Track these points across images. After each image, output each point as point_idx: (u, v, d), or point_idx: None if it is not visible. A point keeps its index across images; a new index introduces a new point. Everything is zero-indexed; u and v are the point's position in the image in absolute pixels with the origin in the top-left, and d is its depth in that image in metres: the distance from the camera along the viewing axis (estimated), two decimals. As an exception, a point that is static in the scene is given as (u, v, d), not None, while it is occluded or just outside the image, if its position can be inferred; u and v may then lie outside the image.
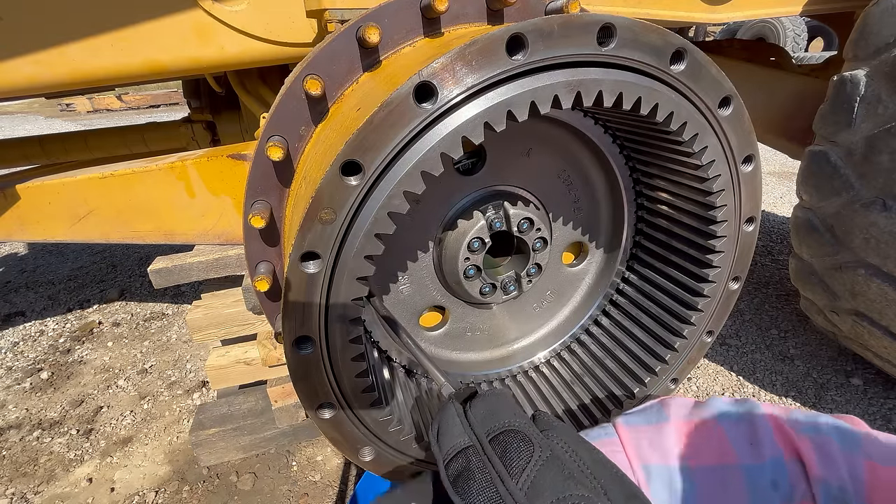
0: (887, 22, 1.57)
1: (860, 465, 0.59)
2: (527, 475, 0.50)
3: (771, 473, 0.63)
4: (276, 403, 2.00)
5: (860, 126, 1.65)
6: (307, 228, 0.57)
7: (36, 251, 4.79)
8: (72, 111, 13.81)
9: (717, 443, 0.66)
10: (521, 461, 0.51)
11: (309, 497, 2.06)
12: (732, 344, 2.93)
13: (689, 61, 0.67)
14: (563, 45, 0.59)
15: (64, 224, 1.32)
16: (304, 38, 1.29)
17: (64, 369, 3.02)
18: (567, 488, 0.48)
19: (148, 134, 3.18)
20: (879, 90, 1.60)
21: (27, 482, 2.21)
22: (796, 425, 0.65)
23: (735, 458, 0.64)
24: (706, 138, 0.72)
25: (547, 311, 1.09)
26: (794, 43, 10.34)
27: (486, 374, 1.07)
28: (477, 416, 0.58)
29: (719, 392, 2.54)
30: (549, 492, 0.48)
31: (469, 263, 0.89)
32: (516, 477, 0.50)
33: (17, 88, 1.21)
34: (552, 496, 0.48)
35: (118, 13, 1.18)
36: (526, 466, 0.51)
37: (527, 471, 0.50)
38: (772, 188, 5.49)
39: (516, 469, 0.51)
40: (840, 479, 0.59)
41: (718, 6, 1.76)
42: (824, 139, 1.80)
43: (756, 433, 0.66)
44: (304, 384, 0.67)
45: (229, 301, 2.03)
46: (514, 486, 0.49)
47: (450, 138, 0.57)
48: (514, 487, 0.49)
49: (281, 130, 0.75)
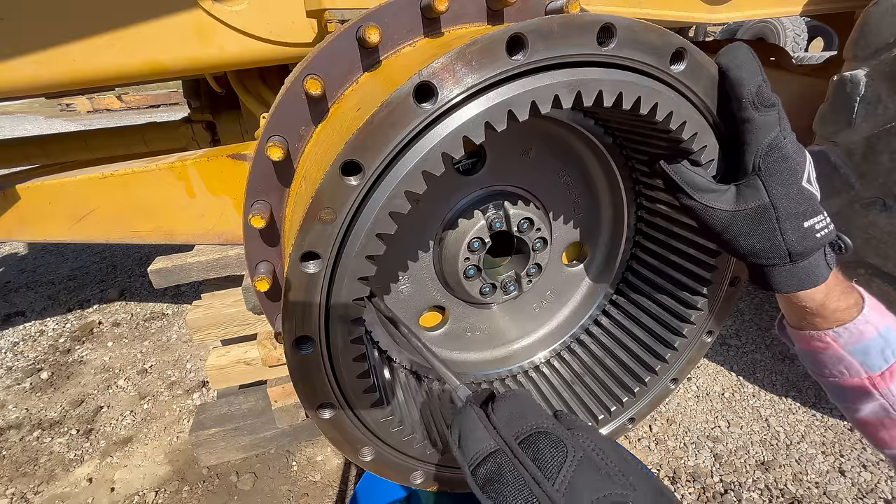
0: (887, 22, 1.57)
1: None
2: (563, 476, 0.50)
3: None
4: (276, 403, 2.01)
5: (860, 126, 1.66)
6: (307, 228, 0.57)
7: (36, 251, 4.79)
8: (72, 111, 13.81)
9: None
10: (556, 462, 0.51)
11: (309, 497, 2.06)
12: (732, 344, 2.93)
13: (689, 61, 0.67)
14: (563, 45, 0.59)
15: (64, 224, 1.32)
16: (304, 38, 1.29)
17: (64, 369, 3.02)
18: (604, 487, 0.49)
19: (148, 134, 3.18)
20: (879, 90, 1.60)
21: (27, 482, 2.22)
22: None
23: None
24: (705, 137, 0.72)
25: (547, 311, 1.09)
26: (794, 43, 10.35)
27: (486, 374, 1.07)
28: (502, 419, 0.58)
29: (719, 392, 2.54)
30: (588, 491, 0.48)
31: (469, 263, 0.89)
32: (552, 479, 0.50)
33: (17, 88, 1.21)
34: (591, 496, 0.48)
35: (118, 13, 1.18)
36: (561, 467, 0.51)
37: (563, 472, 0.50)
38: (772, 188, 5.49)
39: (551, 470, 0.50)
40: None
41: (718, 6, 1.76)
42: (824, 139, 1.80)
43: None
44: (304, 384, 0.67)
45: (229, 301, 2.04)
46: (551, 487, 0.49)
47: (450, 138, 0.57)
48: (552, 489, 0.49)
49: (281, 130, 0.75)
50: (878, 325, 0.69)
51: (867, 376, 0.69)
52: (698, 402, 2.50)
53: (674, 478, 2.08)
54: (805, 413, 2.40)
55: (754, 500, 1.98)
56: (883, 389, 0.68)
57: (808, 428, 2.31)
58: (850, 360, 0.70)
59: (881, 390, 0.68)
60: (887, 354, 0.68)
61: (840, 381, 0.73)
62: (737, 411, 2.43)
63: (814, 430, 2.29)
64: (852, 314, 0.69)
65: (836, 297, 0.70)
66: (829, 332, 0.70)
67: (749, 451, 2.21)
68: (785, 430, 2.30)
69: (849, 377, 0.71)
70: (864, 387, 0.70)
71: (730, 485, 2.04)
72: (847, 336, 0.70)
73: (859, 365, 0.70)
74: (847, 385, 0.72)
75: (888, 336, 0.68)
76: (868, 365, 0.69)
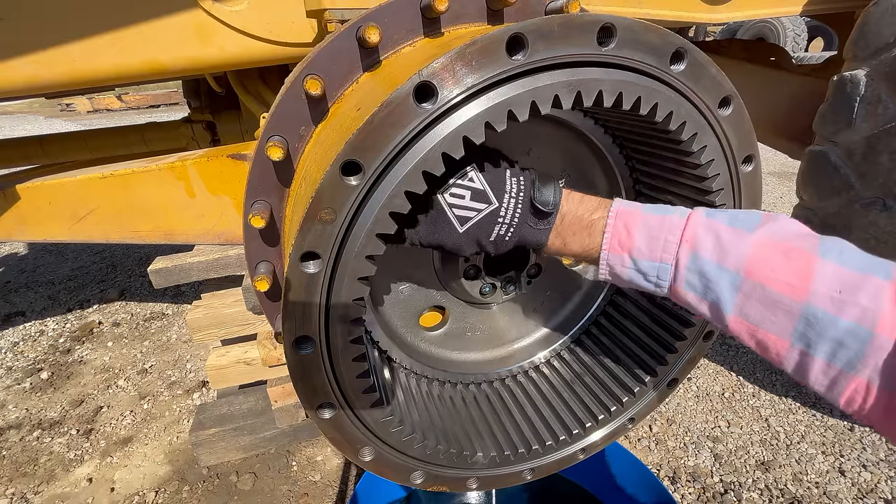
0: (887, 22, 1.57)
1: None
2: None
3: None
4: (276, 403, 2.01)
5: (860, 126, 1.66)
6: (307, 228, 0.57)
7: (36, 251, 4.79)
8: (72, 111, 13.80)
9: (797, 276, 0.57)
10: None
11: (309, 497, 2.06)
12: (732, 344, 2.93)
13: (689, 61, 0.67)
14: (563, 45, 0.59)
15: (64, 224, 1.32)
16: (304, 38, 1.29)
17: (64, 369, 3.02)
18: None
19: (148, 134, 3.18)
20: (879, 90, 1.60)
21: (27, 482, 2.21)
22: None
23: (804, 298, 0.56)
24: (705, 138, 0.72)
25: (547, 311, 1.10)
26: (794, 43, 10.34)
27: (486, 374, 1.07)
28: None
29: (719, 392, 2.54)
30: None
31: (469, 264, 0.89)
32: None
33: (17, 88, 1.21)
34: None
35: (118, 13, 1.18)
36: None
37: None
38: (772, 188, 5.50)
39: None
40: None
41: (718, 6, 1.76)
42: (824, 139, 1.80)
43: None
44: (304, 384, 0.67)
45: (229, 301, 2.04)
46: None
47: (451, 138, 0.57)
48: None
49: (281, 130, 0.75)
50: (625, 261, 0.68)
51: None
52: (698, 402, 2.50)
53: (674, 478, 2.08)
54: (805, 413, 2.40)
55: (754, 500, 1.98)
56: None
57: (808, 428, 2.31)
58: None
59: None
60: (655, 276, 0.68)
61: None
62: (737, 411, 2.43)
63: (814, 430, 2.29)
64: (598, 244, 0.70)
65: (572, 238, 0.71)
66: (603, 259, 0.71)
67: (749, 451, 2.21)
68: (785, 430, 2.30)
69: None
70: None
71: (730, 485, 2.04)
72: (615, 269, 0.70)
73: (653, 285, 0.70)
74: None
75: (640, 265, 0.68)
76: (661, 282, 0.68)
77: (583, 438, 0.96)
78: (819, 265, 0.56)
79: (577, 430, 0.94)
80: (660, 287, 0.68)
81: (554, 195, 0.70)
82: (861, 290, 0.53)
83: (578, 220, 0.71)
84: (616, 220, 0.69)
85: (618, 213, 0.69)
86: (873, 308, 0.52)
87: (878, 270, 0.54)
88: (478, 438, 0.90)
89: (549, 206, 0.69)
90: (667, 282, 0.67)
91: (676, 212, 0.68)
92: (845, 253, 0.57)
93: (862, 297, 0.53)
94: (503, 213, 0.68)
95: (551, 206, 0.69)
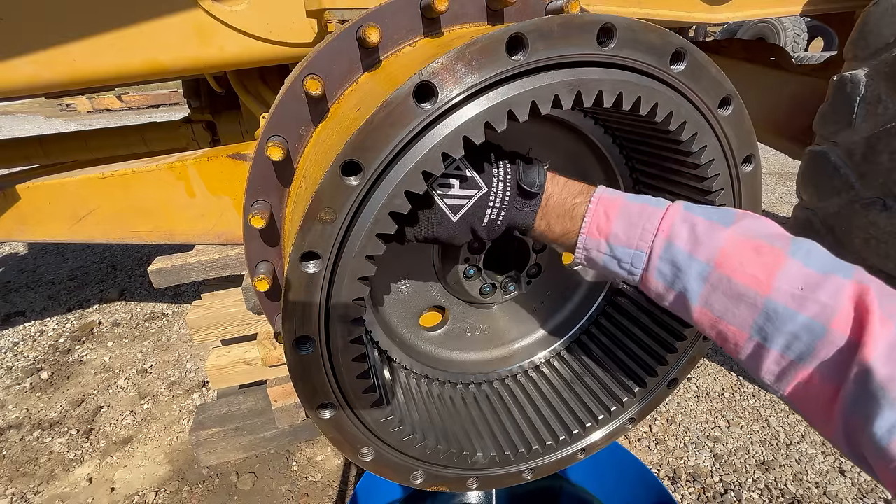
0: (887, 22, 1.57)
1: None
2: None
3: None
4: (276, 403, 2.01)
5: (860, 126, 1.66)
6: (307, 228, 0.57)
7: (36, 251, 4.79)
8: (72, 111, 13.80)
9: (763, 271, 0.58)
10: None
11: (309, 497, 2.06)
12: (732, 344, 2.93)
13: (689, 61, 0.67)
14: (563, 45, 0.59)
15: (64, 224, 1.32)
16: (304, 38, 1.29)
17: (64, 369, 3.02)
18: None
19: (148, 134, 3.18)
20: (879, 90, 1.60)
21: (27, 482, 2.21)
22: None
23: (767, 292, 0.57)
24: (705, 138, 0.72)
25: (547, 311, 1.10)
26: (794, 43, 10.35)
27: (487, 374, 1.07)
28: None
29: (719, 392, 2.54)
30: None
31: (469, 264, 0.89)
32: None
33: (17, 88, 1.21)
34: None
35: (118, 13, 1.18)
36: None
37: None
38: (772, 188, 5.50)
39: None
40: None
41: (718, 6, 1.76)
42: (824, 139, 1.80)
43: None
44: (304, 384, 0.67)
45: (229, 301, 2.04)
46: None
47: (451, 138, 0.57)
48: None
49: (281, 130, 0.75)
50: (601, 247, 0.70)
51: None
52: (698, 402, 2.50)
53: (674, 478, 2.08)
54: (805, 413, 2.40)
55: (754, 500, 1.98)
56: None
57: (808, 428, 2.31)
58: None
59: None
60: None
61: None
62: (737, 411, 2.43)
63: (814, 431, 2.29)
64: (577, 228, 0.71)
65: (555, 221, 0.73)
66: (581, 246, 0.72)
67: (749, 451, 2.21)
68: (785, 430, 2.30)
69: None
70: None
71: (730, 485, 2.04)
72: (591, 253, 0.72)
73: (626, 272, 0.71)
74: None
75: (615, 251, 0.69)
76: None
77: (583, 438, 0.96)
78: (786, 263, 0.57)
79: (577, 430, 0.94)
80: (632, 275, 0.69)
81: (539, 176, 0.71)
82: (822, 288, 0.54)
83: (561, 203, 0.72)
84: (597, 205, 0.70)
85: (600, 198, 0.70)
86: (832, 305, 0.53)
87: (842, 271, 0.55)
88: (478, 438, 0.90)
89: (534, 187, 0.71)
90: (640, 269, 0.68)
91: (658, 202, 0.69)
92: (813, 253, 0.58)
93: (822, 294, 0.54)
94: (493, 198, 0.70)
95: (537, 187, 0.71)
